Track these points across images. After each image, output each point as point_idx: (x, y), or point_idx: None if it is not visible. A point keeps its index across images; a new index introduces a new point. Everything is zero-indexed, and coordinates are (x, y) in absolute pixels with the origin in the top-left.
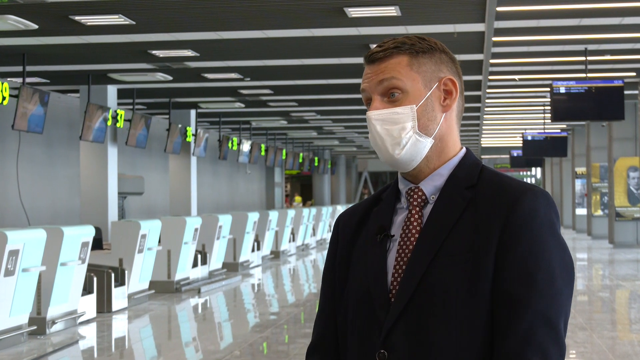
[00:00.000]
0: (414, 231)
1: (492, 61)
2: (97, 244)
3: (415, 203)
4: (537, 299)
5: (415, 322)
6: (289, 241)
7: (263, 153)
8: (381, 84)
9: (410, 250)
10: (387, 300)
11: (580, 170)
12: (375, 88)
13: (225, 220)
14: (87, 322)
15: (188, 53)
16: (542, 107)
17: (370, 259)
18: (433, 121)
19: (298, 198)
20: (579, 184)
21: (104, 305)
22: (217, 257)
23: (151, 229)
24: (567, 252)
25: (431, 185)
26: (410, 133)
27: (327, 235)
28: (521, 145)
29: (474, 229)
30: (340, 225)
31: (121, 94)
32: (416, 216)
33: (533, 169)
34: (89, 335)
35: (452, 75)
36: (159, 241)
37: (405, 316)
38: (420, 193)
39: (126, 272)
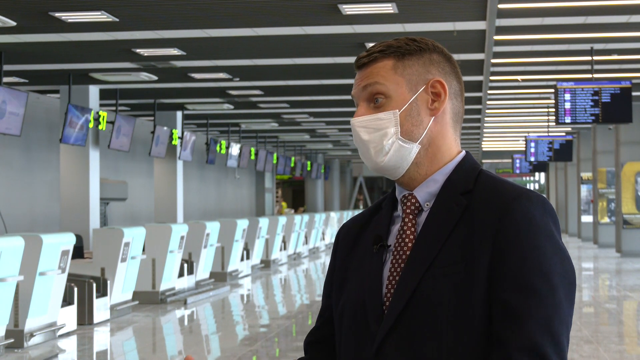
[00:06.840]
0: (407, 241)
1: (493, 61)
2: (78, 252)
3: (408, 211)
4: (537, 308)
5: (407, 336)
6: (280, 250)
7: (253, 157)
8: (365, 89)
9: (404, 260)
10: (380, 312)
11: (586, 175)
12: (361, 94)
13: (212, 228)
14: (67, 334)
15: (174, 52)
16: (546, 109)
17: (366, 270)
18: (418, 126)
19: (284, 204)
20: (584, 190)
21: (85, 317)
22: (205, 267)
23: (135, 236)
24: (567, 258)
25: (425, 192)
26: (392, 139)
27: (320, 244)
28: (524, 149)
29: (469, 237)
30: (340, 237)
31: (104, 94)
32: (409, 224)
33: (537, 174)
34: (69, 349)
35: (443, 76)
36: (143, 249)
37: (398, 329)
38: (413, 200)
39: (108, 282)
